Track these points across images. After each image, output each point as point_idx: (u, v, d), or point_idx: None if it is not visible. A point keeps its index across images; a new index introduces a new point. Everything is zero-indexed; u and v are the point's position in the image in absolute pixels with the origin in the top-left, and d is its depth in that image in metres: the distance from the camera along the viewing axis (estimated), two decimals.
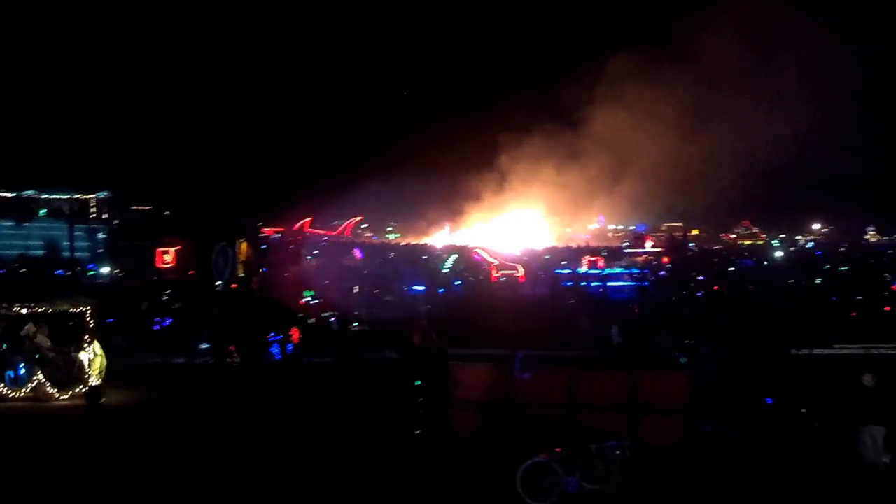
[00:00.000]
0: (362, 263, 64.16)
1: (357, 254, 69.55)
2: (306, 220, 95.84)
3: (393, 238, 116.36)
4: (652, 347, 22.40)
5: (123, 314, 29.87)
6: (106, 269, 55.61)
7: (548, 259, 76.08)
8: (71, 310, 22.41)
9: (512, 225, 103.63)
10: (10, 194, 68.24)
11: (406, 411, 17.84)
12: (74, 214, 66.94)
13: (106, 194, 69.95)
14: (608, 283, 54.69)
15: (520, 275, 60.31)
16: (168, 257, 46.72)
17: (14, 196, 68.21)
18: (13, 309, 21.60)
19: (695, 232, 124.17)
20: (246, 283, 41.40)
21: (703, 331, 26.90)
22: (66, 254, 60.39)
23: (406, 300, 41.44)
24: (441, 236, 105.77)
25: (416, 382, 18.09)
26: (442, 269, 61.74)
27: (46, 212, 67.95)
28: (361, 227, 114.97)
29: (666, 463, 15.42)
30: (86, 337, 22.21)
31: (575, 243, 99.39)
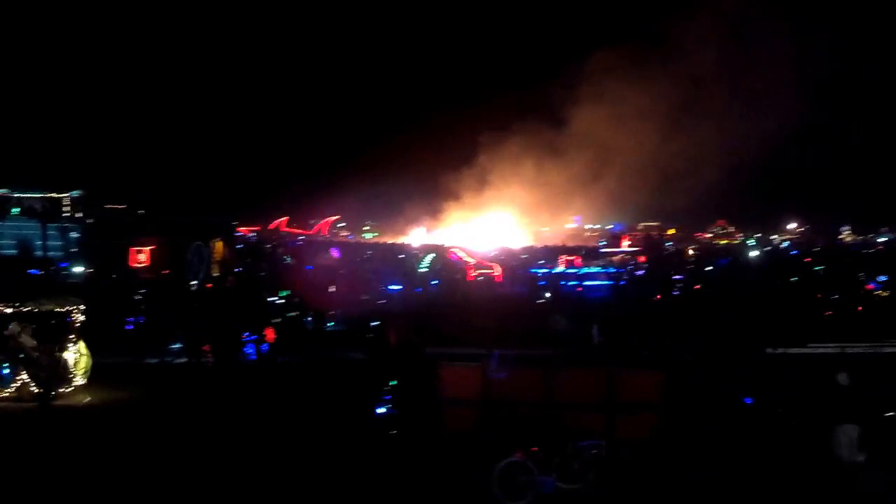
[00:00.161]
0: (340, 263, 63.93)
1: (334, 253, 69.25)
2: (282, 219, 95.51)
3: (370, 237, 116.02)
4: (629, 346, 22.50)
5: (96, 313, 29.54)
6: (79, 269, 55.04)
7: (525, 258, 76.14)
8: (56, 309, 22.18)
9: (489, 224, 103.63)
10: None
11: (381, 411, 17.73)
12: (47, 213, 66.30)
13: (79, 193, 69.37)
14: (585, 283, 54.90)
15: (496, 274, 60.35)
16: (142, 256, 46.24)
17: None
18: None
19: (671, 231, 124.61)
20: (221, 282, 41.09)
21: (681, 330, 27.05)
22: (38, 253, 59.77)
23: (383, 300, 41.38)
24: (418, 235, 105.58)
25: (391, 382, 17.98)
26: (419, 269, 61.62)
27: (19, 210, 67.26)
28: (338, 226, 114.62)
29: (641, 462, 15.41)
30: (71, 336, 22.00)
31: (552, 243, 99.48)
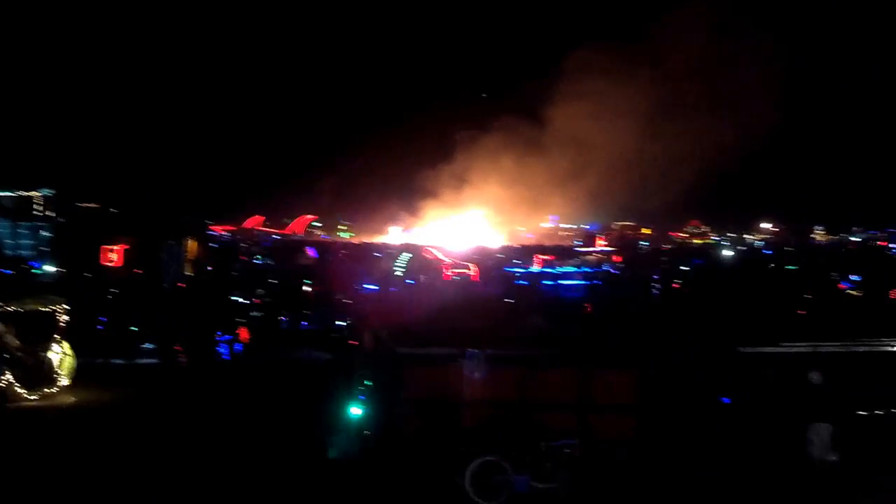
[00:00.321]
0: (317, 262, 63.70)
1: (310, 252, 68.95)
2: (257, 217, 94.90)
3: (345, 236, 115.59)
4: (604, 345, 22.51)
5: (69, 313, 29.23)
6: (50, 268, 54.42)
7: (501, 258, 76.18)
8: (41, 308, 21.88)
9: (465, 224, 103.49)
10: None
11: (354, 411, 17.59)
12: (17, 212, 65.51)
13: (50, 191, 68.62)
14: (560, 282, 55.05)
15: (472, 273, 60.31)
16: (114, 255, 45.68)
17: None
18: None
19: (646, 231, 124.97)
20: (195, 282, 40.76)
21: (658, 329, 27.12)
22: (9, 252, 59.04)
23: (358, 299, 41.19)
24: (394, 235, 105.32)
25: (365, 382, 17.85)
26: (395, 268, 61.48)
27: None
28: (313, 225, 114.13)
29: (616, 461, 15.39)
30: (56, 336, 21.70)
31: (528, 242, 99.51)
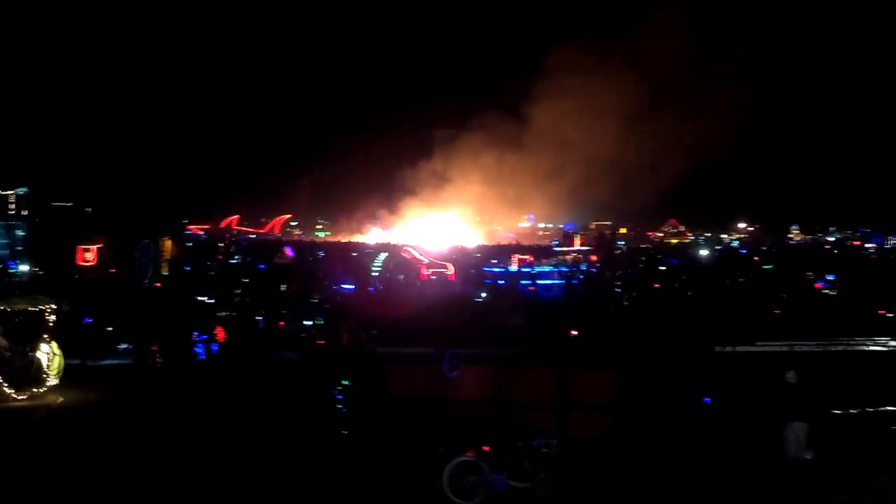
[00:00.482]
0: (294, 262, 63.58)
1: (288, 252, 68.77)
2: (233, 217, 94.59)
3: (322, 236, 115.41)
4: (581, 344, 22.58)
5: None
6: (25, 267, 54.02)
7: (478, 257, 76.33)
8: (30, 308, 21.67)
9: (442, 223, 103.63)
10: None
11: (333, 411, 17.57)
12: None
13: (25, 190, 68.15)
14: (537, 281, 55.23)
15: (450, 273, 60.39)
16: (89, 255, 45.29)
17: None
18: None
19: (622, 230, 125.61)
20: (170, 281, 40.52)
21: (635, 329, 27.21)
22: None
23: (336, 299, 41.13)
24: (371, 234, 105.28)
25: (343, 382, 17.83)
26: (372, 268, 61.44)
27: None
28: (290, 224, 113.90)
29: (593, 460, 15.42)
30: (44, 336, 21.50)
31: (505, 242, 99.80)
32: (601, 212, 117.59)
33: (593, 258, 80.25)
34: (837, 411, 17.69)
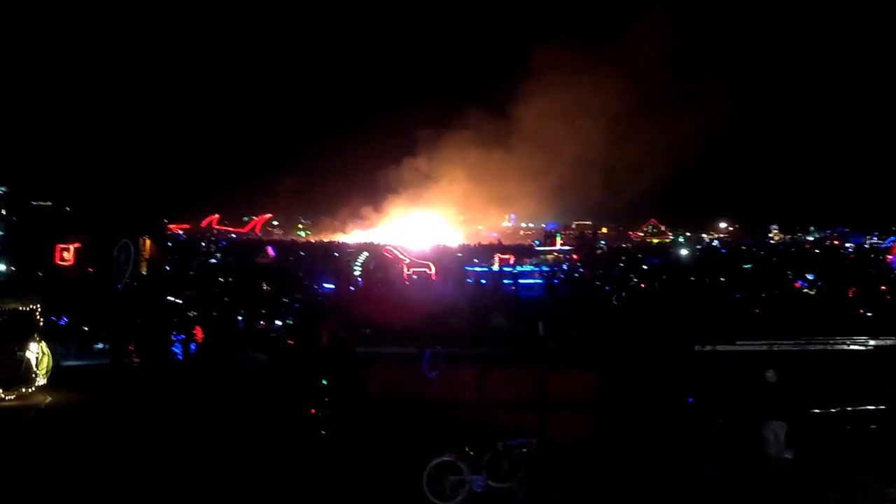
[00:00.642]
0: (275, 261, 63.40)
1: (270, 251, 68.52)
2: (213, 216, 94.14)
3: (304, 235, 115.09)
4: (564, 343, 22.56)
5: None
6: (2, 267, 53.39)
7: (460, 257, 76.28)
8: (20, 308, 21.57)
9: (424, 223, 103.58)
10: None
11: (312, 411, 17.46)
12: None
13: (2, 189, 67.42)
14: (519, 281, 55.32)
15: (431, 273, 60.34)
16: (67, 254, 44.83)
17: None
18: None
19: (604, 230, 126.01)
20: (149, 281, 40.20)
21: (615, 329, 27.24)
22: None
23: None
24: (352, 234, 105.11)
25: (322, 382, 17.73)
26: (353, 267, 61.28)
27: None
28: (272, 224, 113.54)
29: (573, 460, 15.41)
30: (34, 336, 21.41)
31: (487, 241, 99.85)
32: (583, 212, 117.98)
33: (574, 258, 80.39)
34: (816, 410, 17.74)
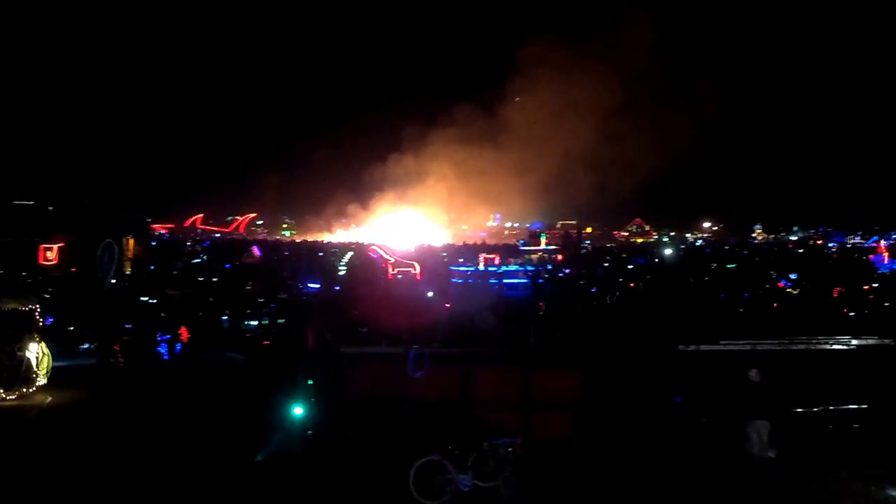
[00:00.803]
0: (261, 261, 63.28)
1: (255, 251, 68.36)
2: (197, 216, 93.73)
3: (288, 235, 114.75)
4: (549, 343, 22.63)
5: None
6: None
7: (445, 256, 76.30)
8: (20, 308, 21.66)
9: (409, 223, 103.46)
10: None
11: (297, 411, 17.42)
12: None
13: None
14: (503, 281, 55.38)
15: (416, 272, 60.33)
16: (51, 254, 44.66)
17: None
18: None
19: (588, 230, 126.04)
20: (134, 281, 40.14)
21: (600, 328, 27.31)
22: None
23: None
24: (337, 234, 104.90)
25: (305, 382, 17.70)
26: (338, 267, 61.30)
27: None
28: (256, 223, 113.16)
29: (558, 459, 15.45)
30: (34, 336, 21.51)
31: (472, 241, 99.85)
32: (568, 211, 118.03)
33: (559, 257, 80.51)
34: (799, 409, 17.85)
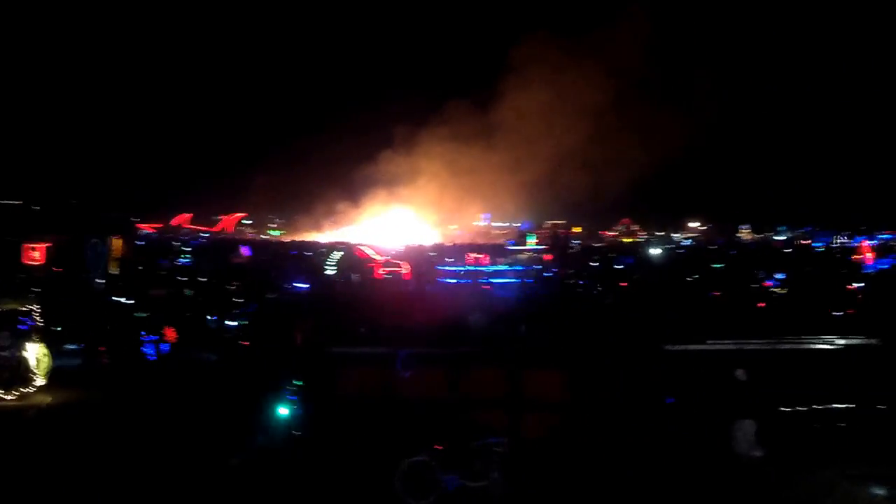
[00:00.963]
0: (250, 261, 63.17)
1: (244, 251, 68.21)
2: (185, 215, 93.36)
3: (276, 234, 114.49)
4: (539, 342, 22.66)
5: None
6: None
7: (433, 256, 76.32)
8: (20, 308, 21.79)
9: (398, 222, 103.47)
10: None
11: (284, 411, 17.40)
12: None
13: None
14: (492, 280, 55.52)
15: (405, 272, 60.39)
16: (36, 254, 44.42)
17: None
18: None
19: (576, 229, 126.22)
20: (120, 281, 39.92)
21: (587, 328, 27.34)
22: None
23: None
24: (326, 233, 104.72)
25: (296, 382, 17.69)
26: (326, 266, 61.23)
27: None
28: (244, 223, 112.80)
29: (545, 459, 15.47)
30: (33, 336, 21.55)
31: (460, 240, 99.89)
32: (556, 211, 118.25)
33: (547, 257, 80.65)
34: (786, 409, 17.91)
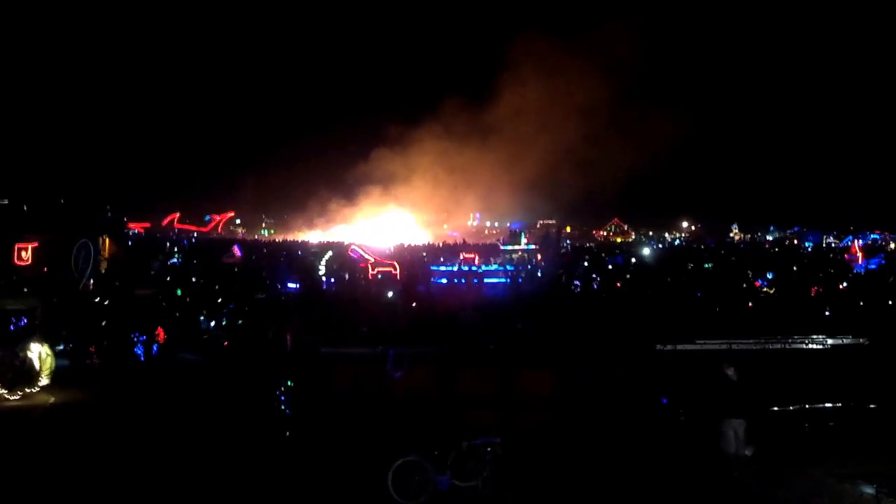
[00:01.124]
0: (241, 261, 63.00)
1: (236, 251, 68.03)
2: (174, 214, 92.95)
3: (267, 234, 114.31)
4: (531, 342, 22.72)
5: None
6: None
7: (425, 256, 76.24)
8: (22, 308, 21.94)
9: (389, 222, 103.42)
10: None
11: (277, 412, 17.43)
12: None
13: None
14: (484, 280, 55.56)
15: (396, 272, 60.30)
16: (25, 254, 44.23)
17: None
18: None
19: (567, 229, 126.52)
20: (110, 281, 39.84)
21: (578, 328, 27.41)
22: None
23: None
24: (316, 233, 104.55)
25: (287, 382, 17.71)
26: (317, 267, 61.08)
27: None
28: (234, 223, 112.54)
29: (537, 459, 15.50)
30: (36, 336, 21.55)
31: (452, 240, 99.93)
32: (547, 211, 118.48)
33: (538, 257, 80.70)
34: (775, 408, 17.99)
